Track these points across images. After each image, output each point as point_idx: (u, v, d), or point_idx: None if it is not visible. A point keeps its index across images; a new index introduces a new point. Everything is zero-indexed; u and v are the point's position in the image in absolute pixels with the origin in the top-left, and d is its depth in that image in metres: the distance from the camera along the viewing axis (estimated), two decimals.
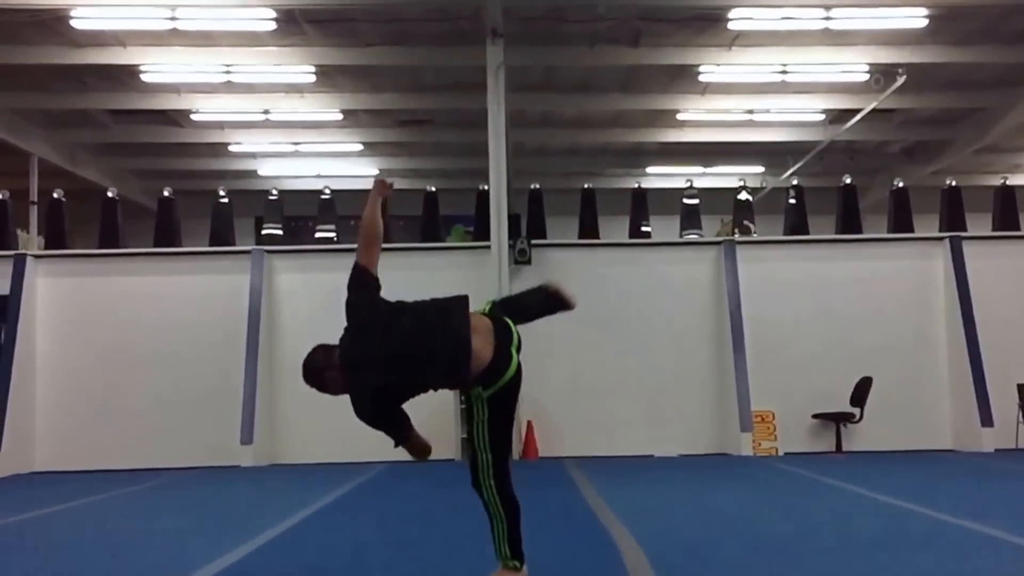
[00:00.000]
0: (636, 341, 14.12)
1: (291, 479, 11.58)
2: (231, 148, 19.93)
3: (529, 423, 13.44)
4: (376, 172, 21.15)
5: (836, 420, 13.63)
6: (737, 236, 14.98)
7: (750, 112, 18.06)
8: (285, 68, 15.33)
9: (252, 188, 20.41)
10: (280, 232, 15.53)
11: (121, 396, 13.82)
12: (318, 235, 15.33)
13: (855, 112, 16.74)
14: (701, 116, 18.30)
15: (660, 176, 21.41)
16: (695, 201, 15.57)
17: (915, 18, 13.87)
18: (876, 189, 21.30)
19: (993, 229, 15.13)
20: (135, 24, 13.79)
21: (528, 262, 13.89)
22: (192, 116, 17.83)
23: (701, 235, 15.32)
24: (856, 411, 13.49)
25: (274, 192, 15.88)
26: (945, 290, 14.16)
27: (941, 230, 14.80)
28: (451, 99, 16.96)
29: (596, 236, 15.03)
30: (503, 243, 13.73)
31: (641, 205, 15.47)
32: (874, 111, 16.35)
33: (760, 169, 21.08)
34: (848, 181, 15.33)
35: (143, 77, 15.54)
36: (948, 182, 15.38)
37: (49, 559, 6.33)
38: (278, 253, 14.53)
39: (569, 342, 13.77)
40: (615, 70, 16.05)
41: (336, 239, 15.10)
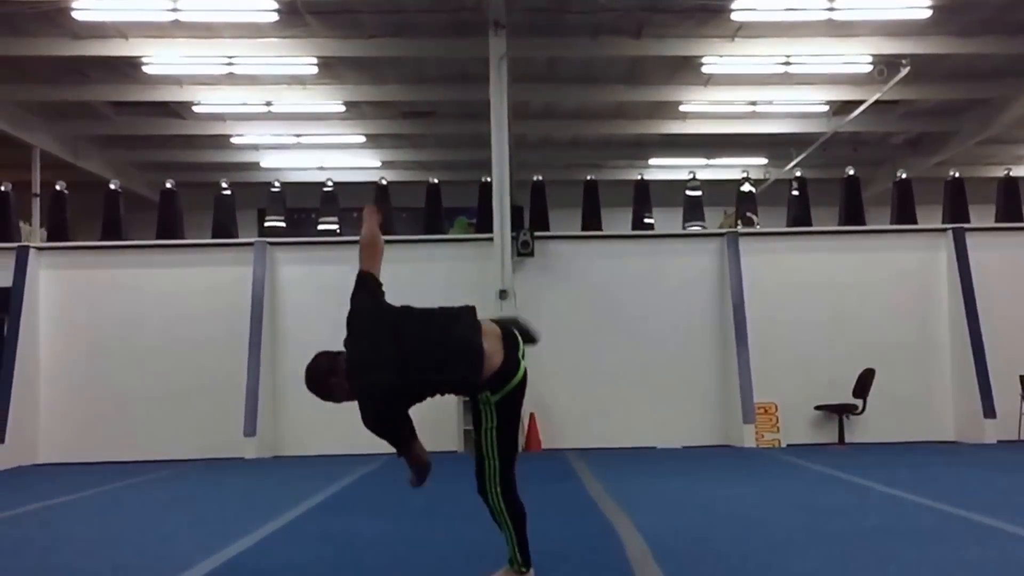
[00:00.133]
0: (638, 333, 14.12)
1: (294, 471, 11.60)
2: (233, 140, 19.93)
3: (532, 415, 13.44)
4: (379, 164, 21.14)
5: (839, 412, 13.63)
6: (740, 228, 14.98)
7: (753, 103, 18.02)
8: (287, 60, 15.32)
9: (254, 180, 20.40)
10: (283, 224, 15.51)
11: (124, 388, 13.84)
12: (321, 227, 15.33)
13: (858, 103, 16.70)
14: (704, 107, 18.28)
15: (663, 168, 21.38)
16: (698, 193, 15.55)
17: (919, 9, 13.85)
18: (879, 181, 21.25)
19: (996, 220, 15.10)
20: (137, 15, 13.78)
21: (531, 254, 13.90)
22: (194, 108, 17.83)
23: (704, 227, 15.31)
24: (859, 403, 13.49)
25: (276, 184, 15.87)
26: (948, 282, 14.15)
27: (944, 222, 14.80)
28: (454, 91, 16.96)
29: (599, 228, 15.03)
30: (506, 235, 13.72)
31: (644, 197, 15.46)
32: (877, 102, 16.31)
33: (763, 161, 21.05)
34: (851, 173, 15.31)
35: (145, 69, 15.52)
36: (951, 173, 15.38)
37: (51, 551, 6.35)
38: (281, 245, 14.54)
39: (572, 333, 13.80)
40: (618, 61, 16.03)
41: (339, 231, 15.09)
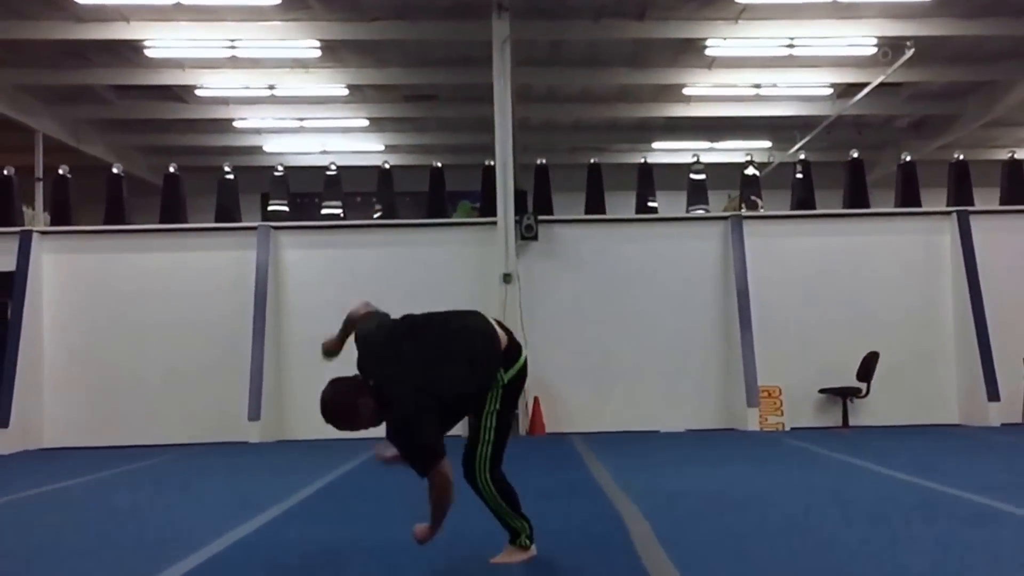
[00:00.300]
0: (642, 316, 14.11)
1: (298, 455, 11.63)
2: (236, 124, 19.89)
3: (536, 399, 13.46)
4: (382, 148, 21.11)
5: (843, 395, 13.64)
6: (744, 211, 14.94)
7: (757, 86, 17.95)
8: (290, 43, 15.25)
9: (258, 164, 20.39)
10: (286, 208, 15.50)
11: (128, 373, 13.87)
12: (324, 211, 15.31)
13: (863, 86, 16.61)
14: (708, 90, 18.20)
15: (667, 151, 21.31)
16: (702, 176, 15.51)
17: None
18: (883, 163, 21.20)
19: (1000, 203, 15.07)
20: None
21: (535, 238, 13.89)
22: (197, 92, 17.77)
23: (708, 210, 15.28)
24: (863, 386, 13.49)
25: (280, 168, 15.86)
26: (952, 264, 14.13)
27: (948, 204, 14.76)
28: (457, 74, 16.89)
29: (603, 211, 15.01)
30: (509, 219, 13.70)
31: (648, 180, 15.43)
32: (882, 85, 16.22)
33: (767, 144, 20.99)
34: (855, 155, 15.26)
35: (147, 52, 15.46)
36: (956, 156, 15.34)
37: (57, 535, 6.37)
38: (284, 229, 14.51)
39: (575, 317, 13.81)
40: (621, 44, 15.95)
41: (342, 215, 15.09)
